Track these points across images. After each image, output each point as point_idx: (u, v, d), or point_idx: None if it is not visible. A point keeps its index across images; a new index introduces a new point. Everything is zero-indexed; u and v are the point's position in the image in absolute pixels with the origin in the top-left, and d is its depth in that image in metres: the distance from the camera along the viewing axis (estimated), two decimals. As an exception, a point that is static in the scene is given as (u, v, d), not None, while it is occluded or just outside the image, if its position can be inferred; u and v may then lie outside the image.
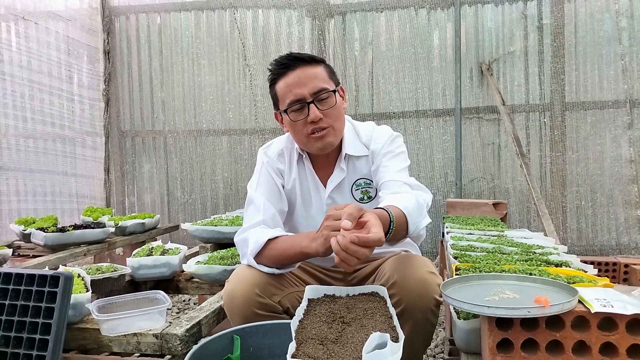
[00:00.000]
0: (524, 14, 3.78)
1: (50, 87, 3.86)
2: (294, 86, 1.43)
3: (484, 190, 3.88)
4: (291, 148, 1.61)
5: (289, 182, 1.60)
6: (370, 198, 1.57)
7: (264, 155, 1.63)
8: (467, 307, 0.98)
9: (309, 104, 1.42)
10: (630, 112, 3.63)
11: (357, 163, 1.57)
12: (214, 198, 4.33)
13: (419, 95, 3.96)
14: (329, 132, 1.46)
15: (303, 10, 4.09)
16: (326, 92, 1.44)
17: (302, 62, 1.44)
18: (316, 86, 1.42)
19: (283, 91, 1.46)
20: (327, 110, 1.44)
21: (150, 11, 4.35)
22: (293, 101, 1.43)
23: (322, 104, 1.44)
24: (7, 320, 1.38)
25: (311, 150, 1.52)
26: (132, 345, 1.42)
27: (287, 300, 1.42)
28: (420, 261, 1.34)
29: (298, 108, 1.43)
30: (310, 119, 1.42)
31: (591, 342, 0.96)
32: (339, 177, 1.56)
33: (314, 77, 1.43)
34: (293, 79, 1.43)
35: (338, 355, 0.97)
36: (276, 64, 1.47)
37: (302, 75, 1.42)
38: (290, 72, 1.44)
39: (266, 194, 1.56)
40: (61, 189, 3.99)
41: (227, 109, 4.28)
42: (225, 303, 1.38)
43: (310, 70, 1.44)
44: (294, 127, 1.47)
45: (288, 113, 1.45)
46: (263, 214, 1.50)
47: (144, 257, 2.09)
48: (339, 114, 1.49)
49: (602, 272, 2.47)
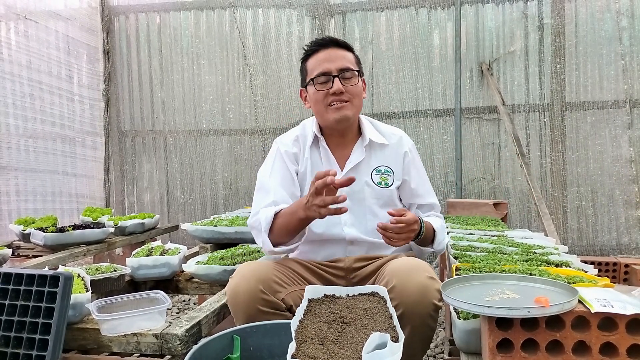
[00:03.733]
0: (524, 14, 3.78)
1: (50, 86, 3.86)
2: (323, 61, 1.57)
3: (484, 190, 3.88)
4: (306, 134, 1.69)
5: (303, 164, 1.67)
6: (387, 185, 1.65)
7: (280, 142, 1.71)
8: (467, 307, 0.98)
9: (334, 77, 1.55)
10: (630, 112, 3.63)
11: (378, 150, 1.67)
12: (214, 198, 4.33)
13: (419, 95, 3.96)
14: (347, 105, 1.57)
15: (303, 10, 4.09)
16: (351, 72, 1.58)
17: (335, 44, 1.61)
18: (343, 65, 1.57)
19: (312, 65, 1.60)
20: (349, 87, 1.57)
21: (150, 11, 4.35)
22: (320, 73, 1.57)
23: (346, 81, 1.57)
24: (7, 320, 1.38)
25: (328, 121, 1.60)
26: (132, 345, 1.41)
27: (290, 298, 1.43)
28: (420, 266, 1.34)
29: (324, 80, 1.56)
30: (333, 90, 1.55)
31: (591, 342, 0.96)
32: (357, 158, 1.64)
33: (343, 57, 1.59)
34: (324, 55, 1.58)
35: (338, 355, 0.97)
36: (312, 43, 1.63)
37: (333, 54, 1.58)
38: (322, 50, 1.59)
39: (279, 179, 1.63)
40: (61, 189, 3.99)
41: (227, 109, 4.28)
42: (229, 299, 1.40)
43: (340, 51, 1.60)
44: (316, 97, 1.59)
45: (314, 84, 1.58)
46: (274, 196, 1.58)
47: (143, 257, 2.09)
48: (359, 94, 1.61)
49: (602, 272, 2.47)
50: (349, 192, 1.55)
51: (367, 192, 1.63)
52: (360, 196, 1.61)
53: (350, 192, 1.56)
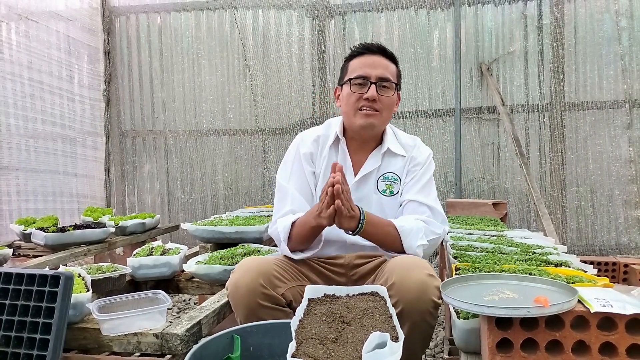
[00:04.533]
0: (523, 14, 3.78)
1: (50, 86, 3.86)
2: (365, 65, 1.58)
3: (484, 190, 3.88)
4: (328, 134, 1.70)
5: (320, 164, 1.68)
6: (392, 193, 1.64)
7: (301, 140, 1.72)
8: (467, 306, 0.98)
9: (372, 84, 1.56)
10: (630, 112, 3.63)
11: (393, 159, 1.67)
12: (214, 198, 4.33)
13: (419, 95, 3.96)
14: (376, 115, 1.58)
15: (303, 11, 4.09)
16: (389, 82, 1.59)
17: (383, 52, 1.62)
18: (384, 74, 1.58)
19: (355, 66, 1.60)
20: (383, 97, 1.58)
21: (150, 11, 4.35)
22: (359, 76, 1.57)
23: (382, 90, 1.58)
24: (7, 320, 1.38)
25: (353, 124, 1.61)
26: (133, 345, 1.42)
27: (290, 293, 1.44)
28: (419, 263, 1.35)
29: (360, 83, 1.57)
30: (367, 95, 1.55)
31: (591, 342, 0.96)
32: (372, 166, 1.64)
33: (386, 67, 1.60)
34: (368, 59, 1.59)
35: (338, 355, 0.97)
36: (361, 45, 1.63)
37: (377, 61, 1.59)
38: (368, 54, 1.60)
39: (297, 184, 1.64)
40: (62, 188, 3.99)
41: (228, 109, 4.28)
42: (230, 293, 1.41)
43: (385, 61, 1.61)
44: (349, 98, 1.59)
45: (350, 84, 1.58)
46: (291, 204, 1.60)
47: (144, 257, 2.09)
48: (390, 106, 1.62)
49: (601, 272, 2.48)
50: (357, 199, 1.57)
51: (374, 199, 1.63)
52: (367, 203, 1.62)
53: (358, 198, 1.58)
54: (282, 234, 1.53)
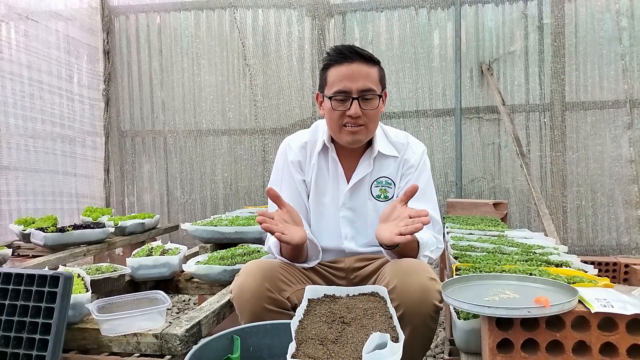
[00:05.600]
0: (524, 14, 3.78)
1: (50, 85, 3.85)
2: (345, 78, 1.47)
3: (484, 190, 3.88)
4: (315, 140, 1.64)
5: (309, 172, 1.63)
6: (387, 198, 1.60)
7: (288, 147, 1.67)
8: (467, 307, 0.98)
9: (353, 99, 1.46)
10: (631, 112, 3.63)
11: (385, 162, 1.61)
12: (214, 198, 4.33)
13: (419, 95, 3.96)
14: (362, 130, 1.50)
15: (303, 10, 4.09)
16: (372, 94, 1.49)
17: (360, 57, 1.48)
18: (365, 85, 1.47)
19: (333, 78, 1.49)
20: (367, 111, 1.49)
21: (150, 11, 4.35)
22: (340, 91, 1.47)
23: (365, 104, 1.48)
24: (7, 320, 1.38)
25: (339, 141, 1.55)
26: (132, 346, 1.41)
27: (295, 297, 1.42)
28: (421, 266, 1.34)
29: (342, 99, 1.48)
30: (350, 113, 1.47)
31: (591, 342, 0.96)
32: (364, 171, 1.59)
33: (366, 76, 1.48)
34: (347, 70, 1.47)
35: (338, 356, 0.97)
36: (335, 51, 1.51)
37: (356, 70, 1.47)
38: (346, 63, 1.48)
39: (288, 195, 1.60)
40: (61, 188, 3.99)
41: (227, 109, 4.28)
42: (235, 297, 1.39)
43: (365, 68, 1.48)
44: (332, 114, 1.51)
45: (331, 100, 1.50)
46: None
47: (143, 257, 2.09)
48: (375, 117, 1.53)
49: (602, 272, 2.47)
50: (352, 207, 1.56)
51: (369, 206, 1.60)
52: (363, 210, 1.59)
53: (354, 206, 1.57)
54: (274, 249, 1.53)
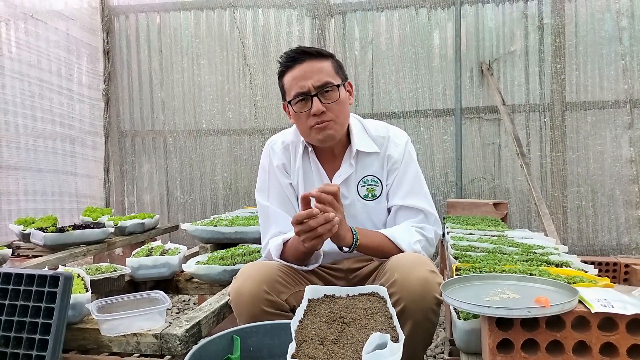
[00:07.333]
0: (524, 14, 3.78)
1: (50, 84, 3.85)
2: (299, 79, 1.45)
3: (485, 190, 3.88)
4: (297, 141, 1.63)
5: (295, 175, 1.62)
6: (374, 197, 1.58)
7: (271, 149, 1.66)
8: (467, 307, 0.98)
9: (312, 97, 1.44)
10: (631, 112, 3.62)
11: (367, 159, 1.58)
12: (214, 198, 4.32)
13: (419, 95, 3.96)
14: (330, 125, 1.47)
15: (303, 10, 4.09)
16: (330, 86, 1.46)
17: (309, 55, 1.47)
18: (320, 79, 1.45)
19: (290, 83, 1.48)
20: (330, 104, 1.46)
21: (150, 11, 4.35)
22: (298, 93, 1.46)
23: (326, 98, 1.46)
24: (6, 320, 1.38)
25: (313, 141, 1.54)
26: (132, 346, 1.41)
27: (293, 299, 1.42)
28: (421, 260, 1.34)
29: (302, 99, 1.46)
30: (313, 111, 1.45)
31: (591, 343, 0.96)
32: (347, 172, 1.57)
33: (320, 70, 1.46)
34: (299, 72, 1.46)
35: (338, 356, 0.97)
36: (285, 57, 1.50)
37: (308, 69, 1.45)
38: (297, 65, 1.47)
39: (277, 201, 1.60)
40: (61, 188, 3.98)
41: (227, 109, 4.28)
42: (233, 300, 1.38)
43: (316, 64, 1.46)
44: (298, 118, 1.50)
45: (293, 105, 1.49)
46: (276, 224, 1.56)
47: (143, 257, 2.09)
48: (342, 108, 1.50)
49: (602, 272, 2.47)
50: None
51: (358, 207, 1.58)
52: (352, 211, 1.56)
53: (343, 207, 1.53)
54: (274, 252, 1.49)
